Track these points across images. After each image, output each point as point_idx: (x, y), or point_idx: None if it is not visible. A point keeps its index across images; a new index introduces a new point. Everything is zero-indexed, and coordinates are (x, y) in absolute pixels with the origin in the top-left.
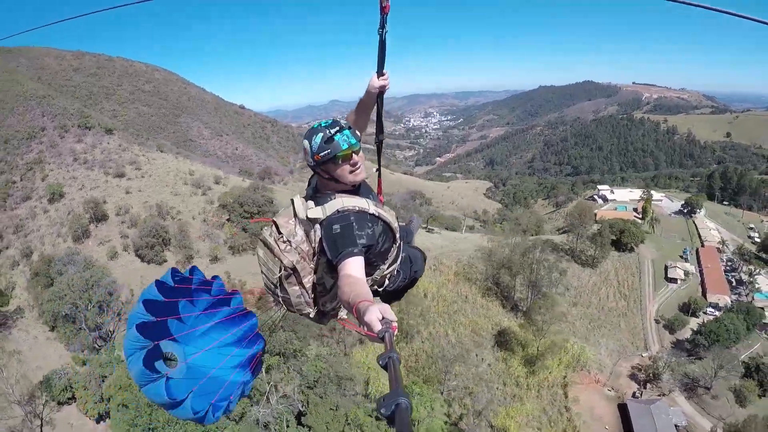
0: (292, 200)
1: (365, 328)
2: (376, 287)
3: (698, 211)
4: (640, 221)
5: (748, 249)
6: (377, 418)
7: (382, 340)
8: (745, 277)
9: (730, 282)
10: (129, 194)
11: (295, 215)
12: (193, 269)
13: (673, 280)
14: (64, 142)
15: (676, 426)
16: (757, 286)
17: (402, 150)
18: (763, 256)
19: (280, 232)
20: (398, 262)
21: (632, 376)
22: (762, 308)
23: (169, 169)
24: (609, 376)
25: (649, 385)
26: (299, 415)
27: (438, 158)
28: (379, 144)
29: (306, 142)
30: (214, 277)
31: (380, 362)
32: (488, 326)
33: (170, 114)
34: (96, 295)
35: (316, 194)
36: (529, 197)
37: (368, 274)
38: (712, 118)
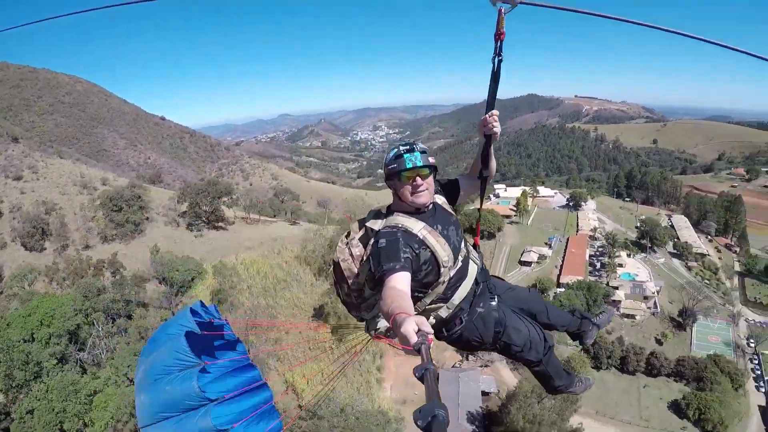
0: (368, 212)
1: (400, 341)
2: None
3: (583, 204)
4: (513, 212)
5: (630, 237)
6: None
7: (418, 352)
8: (608, 261)
9: (594, 265)
10: (24, 194)
11: (364, 223)
12: (224, 325)
13: (527, 263)
14: None
15: (483, 392)
16: (620, 268)
17: (346, 163)
18: (643, 242)
19: (348, 235)
20: (452, 303)
21: (458, 350)
22: (616, 287)
23: (63, 173)
24: (436, 349)
25: (471, 357)
26: None
27: (380, 170)
28: (483, 181)
29: (385, 155)
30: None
31: (416, 374)
32: (311, 301)
33: (87, 125)
34: None
35: (388, 210)
36: None
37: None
38: (641, 127)
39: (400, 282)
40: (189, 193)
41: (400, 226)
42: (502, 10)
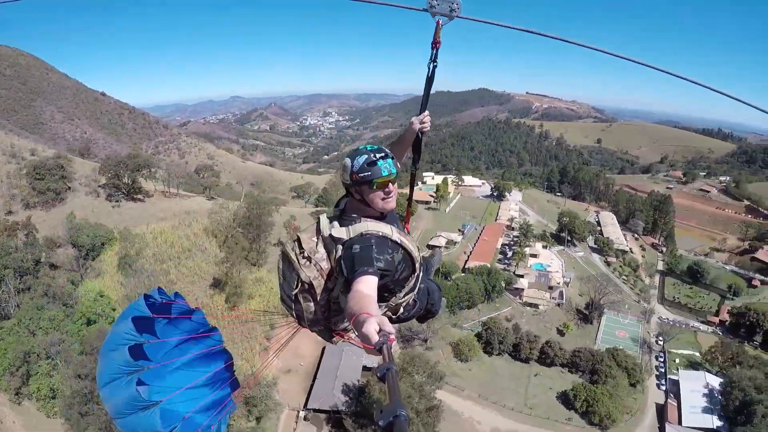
0: (318, 218)
1: (362, 340)
2: (390, 314)
3: (507, 195)
4: (432, 199)
5: (551, 230)
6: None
7: (379, 351)
8: (518, 250)
9: (505, 254)
10: None
11: (319, 233)
12: (176, 295)
13: (435, 248)
14: None
15: (365, 367)
16: (533, 258)
17: (293, 147)
18: (562, 235)
19: (302, 248)
20: (415, 291)
21: None
22: (521, 275)
23: None
24: None
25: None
26: None
27: (326, 156)
28: (412, 175)
29: (348, 161)
30: (196, 309)
31: (378, 373)
32: (211, 270)
33: (26, 98)
34: None
35: (343, 216)
36: None
37: (384, 299)
38: (586, 125)
39: (366, 285)
40: (110, 165)
41: (374, 232)
42: (440, 22)
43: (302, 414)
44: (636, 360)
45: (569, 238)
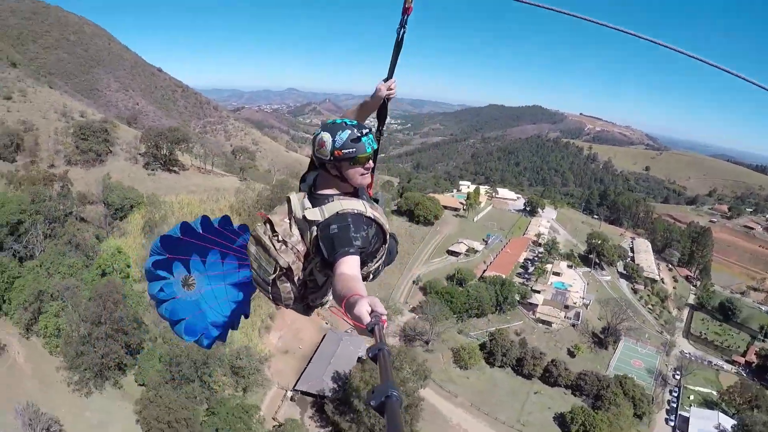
0: (288, 198)
1: (354, 321)
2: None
3: (540, 211)
4: (462, 206)
5: (580, 250)
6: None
7: (371, 332)
8: (539, 265)
9: (526, 268)
10: (9, 112)
11: (291, 214)
12: (225, 218)
13: (454, 254)
14: None
15: (359, 358)
16: (556, 276)
17: None
18: (591, 257)
19: (274, 231)
20: (383, 258)
21: None
22: (537, 291)
23: (48, 100)
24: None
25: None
26: None
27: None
28: (379, 137)
29: (327, 135)
30: (242, 228)
31: (369, 354)
32: None
33: (86, 64)
34: None
35: (314, 193)
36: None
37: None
38: (635, 152)
39: (350, 266)
40: (151, 135)
41: (349, 210)
42: None
43: (289, 394)
44: (645, 391)
45: (597, 261)
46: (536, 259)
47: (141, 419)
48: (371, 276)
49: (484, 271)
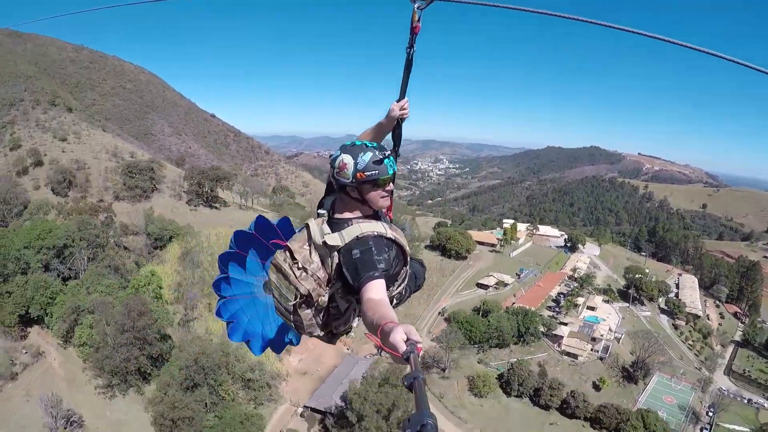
0: (307, 224)
1: (389, 349)
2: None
3: (580, 247)
4: (498, 241)
5: (620, 286)
6: None
7: (407, 360)
8: (569, 299)
9: (557, 302)
10: (64, 152)
11: (310, 240)
12: (285, 219)
13: (483, 286)
14: (33, 112)
15: (363, 376)
16: (590, 311)
17: (399, 189)
18: (631, 293)
19: (294, 258)
20: (406, 281)
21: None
22: (565, 323)
23: (101, 142)
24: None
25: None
26: None
27: (429, 201)
28: (395, 157)
29: (348, 157)
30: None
31: (405, 383)
32: None
33: (141, 110)
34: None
35: (333, 218)
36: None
37: None
38: (692, 190)
39: (377, 291)
40: (194, 173)
41: (369, 233)
42: (416, 7)
43: (300, 410)
44: (670, 426)
45: (636, 296)
46: (569, 293)
47: (152, 418)
48: (394, 300)
49: (513, 303)
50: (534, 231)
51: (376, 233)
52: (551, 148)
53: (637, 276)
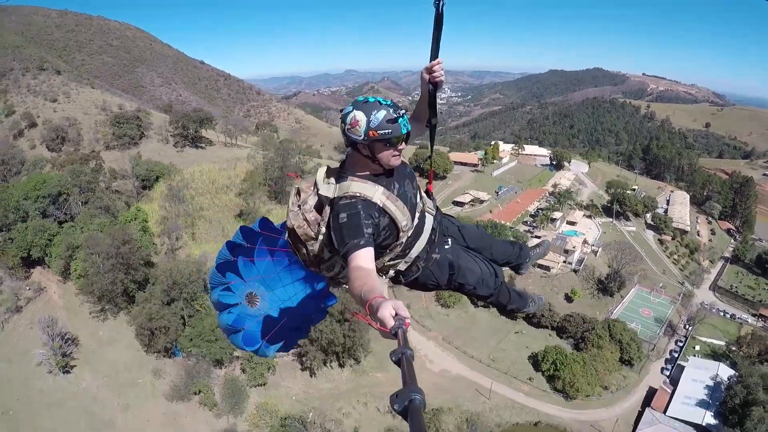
0: (317, 169)
1: (378, 324)
2: (381, 275)
3: (566, 164)
4: (480, 162)
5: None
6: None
7: (395, 336)
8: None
9: (535, 216)
10: (55, 112)
11: (315, 185)
12: (284, 225)
13: (459, 204)
14: (24, 79)
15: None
16: (570, 225)
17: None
18: (614, 207)
19: (298, 195)
20: (409, 257)
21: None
22: (538, 236)
23: (90, 99)
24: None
25: None
26: None
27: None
28: (432, 128)
29: (360, 115)
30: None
31: (393, 358)
32: (240, 203)
33: (130, 65)
34: None
35: (341, 171)
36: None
37: None
38: (695, 109)
39: (365, 260)
40: (178, 117)
41: (358, 195)
42: None
43: None
44: (636, 336)
45: (620, 211)
46: (547, 208)
47: (134, 332)
48: (392, 272)
49: (489, 219)
50: (519, 151)
51: (365, 196)
52: (554, 72)
53: (618, 190)
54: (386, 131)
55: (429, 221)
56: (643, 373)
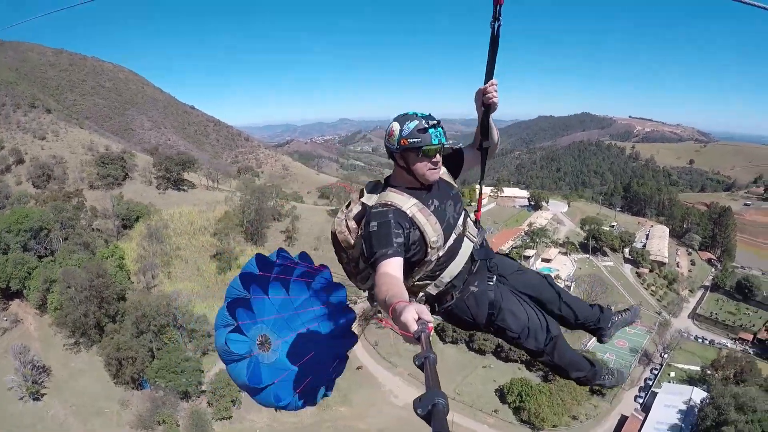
0: (368, 181)
1: (400, 329)
2: (412, 297)
3: (544, 204)
4: None
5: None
6: None
7: (418, 340)
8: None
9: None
10: (43, 150)
11: (362, 194)
12: (301, 255)
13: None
14: (14, 115)
15: None
16: (545, 263)
17: (391, 168)
18: (590, 243)
19: (349, 205)
20: (441, 281)
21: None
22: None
23: (78, 138)
24: None
25: None
26: None
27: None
28: (483, 152)
29: (396, 125)
30: (322, 266)
31: (416, 362)
32: (216, 243)
33: (120, 107)
34: None
35: (385, 182)
36: None
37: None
38: (678, 147)
39: (393, 268)
40: (161, 160)
41: (390, 204)
42: None
43: None
44: (609, 365)
45: (597, 247)
46: (521, 246)
47: (104, 362)
48: (422, 294)
49: None
50: (498, 193)
51: (396, 206)
52: (542, 118)
53: (593, 226)
54: (416, 140)
55: (467, 246)
56: (615, 402)
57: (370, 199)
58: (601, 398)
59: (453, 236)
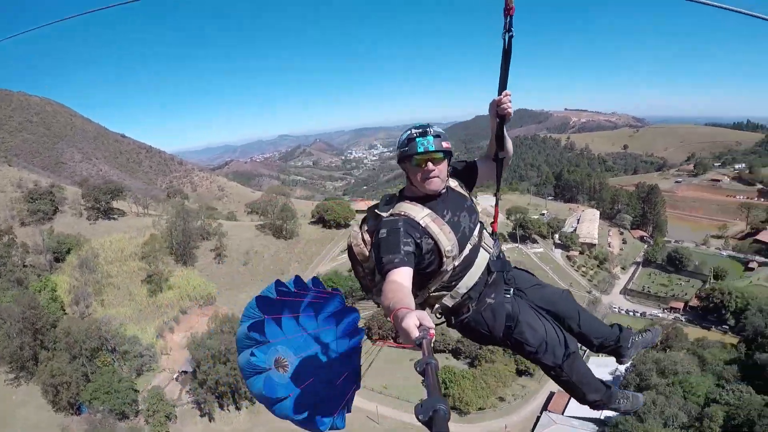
0: (385, 194)
1: (402, 334)
2: (427, 309)
3: (473, 200)
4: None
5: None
6: None
7: (419, 346)
8: None
9: None
10: None
11: (375, 208)
12: (314, 281)
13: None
14: None
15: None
16: None
17: (334, 181)
18: (517, 232)
19: (366, 220)
20: (457, 292)
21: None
22: None
23: (6, 176)
24: None
25: None
26: None
27: (365, 187)
28: (499, 163)
29: (400, 137)
30: (335, 290)
31: (417, 368)
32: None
33: (49, 141)
34: None
35: (399, 194)
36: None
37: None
38: (612, 134)
39: (400, 276)
40: (90, 191)
41: (402, 213)
42: None
43: (175, 375)
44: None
45: (525, 235)
46: None
47: (41, 390)
48: (438, 306)
49: None
50: None
51: (407, 215)
52: (480, 117)
53: (519, 216)
54: (404, 149)
55: (483, 257)
56: (543, 380)
57: (385, 211)
58: (529, 378)
59: (468, 246)
